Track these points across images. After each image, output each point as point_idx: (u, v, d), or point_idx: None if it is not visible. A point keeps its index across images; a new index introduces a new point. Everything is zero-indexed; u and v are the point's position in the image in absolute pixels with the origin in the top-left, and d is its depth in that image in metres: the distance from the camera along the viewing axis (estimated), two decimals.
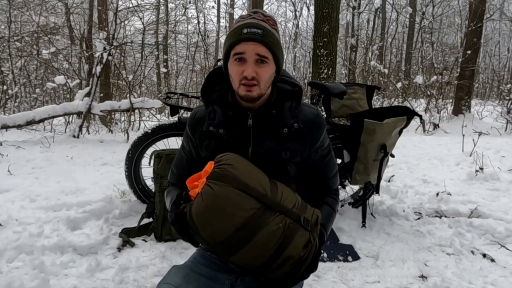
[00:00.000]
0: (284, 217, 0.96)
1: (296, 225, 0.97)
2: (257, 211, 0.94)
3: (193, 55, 12.49)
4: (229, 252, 0.94)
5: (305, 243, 0.96)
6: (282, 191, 1.02)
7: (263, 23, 1.03)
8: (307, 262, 0.97)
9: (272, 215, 0.95)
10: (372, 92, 2.68)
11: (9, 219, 2.34)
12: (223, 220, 0.92)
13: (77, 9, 9.62)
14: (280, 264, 0.94)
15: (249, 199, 0.94)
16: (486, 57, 17.50)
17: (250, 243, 0.92)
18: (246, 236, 0.92)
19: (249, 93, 1.03)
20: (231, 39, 1.03)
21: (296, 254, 0.94)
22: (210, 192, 0.94)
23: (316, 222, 1.03)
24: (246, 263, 0.95)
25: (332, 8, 4.64)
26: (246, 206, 0.93)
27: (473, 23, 8.36)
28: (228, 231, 0.92)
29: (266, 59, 1.02)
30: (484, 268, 2.04)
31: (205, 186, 0.95)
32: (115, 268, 1.96)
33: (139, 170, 2.68)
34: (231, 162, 0.99)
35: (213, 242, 0.95)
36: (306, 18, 23.56)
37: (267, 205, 0.95)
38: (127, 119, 6.36)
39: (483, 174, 3.46)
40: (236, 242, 0.93)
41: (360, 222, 2.55)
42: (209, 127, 1.12)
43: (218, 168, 0.98)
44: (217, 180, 0.95)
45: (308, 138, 1.12)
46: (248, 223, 0.92)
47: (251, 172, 1.00)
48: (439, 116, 7.90)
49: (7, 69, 7.94)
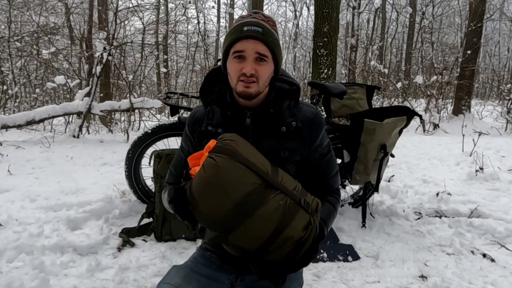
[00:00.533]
0: (285, 196, 0.95)
1: (296, 206, 0.95)
2: (258, 186, 0.93)
3: (193, 55, 12.50)
4: (227, 229, 0.92)
5: (306, 224, 0.95)
6: (283, 175, 1.01)
7: (263, 23, 1.04)
8: (307, 244, 0.95)
9: (272, 193, 0.94)
10: (372, 92, 2.69)
11: (9, 219, 2.34)
12: (224, 193, 0.91)
13: (77, 9, 9.62)
14: (279, 245, 0.92)
15: (251, 174, 0.93)
16: (486, 57, 17.50)
17: (249, 219, 0.90)
18: (246, 211, 0.91)
19: (247, 89, 1.03)
20: (231, 37, 1.03)
21: (296, 235, 0.93)
22: (212, 164, 0.92)
23: (317, 208, 1.01)
24: (244, 243, 0.93)
25: (332, 8, 4.64)
26: (248, 180, 0.92)
27: (473, 23, 8.37)
28: (228, 204, 0.90)
29: (266, 57, 1.03)
30: (484, 268, 2.04)
31: (208, 158, 0.94)
32: (115, 268, 1.96)
33: (139, 170, 2.68)
34: (234, 139, 0.98)
35: (212, 218, 0.93)
36: (306, 18, 23.58)
37: (268, 183, 0.95)
38: (127, 119, 6.36)
39: (483, 174, 3.46)
40: (235, 218, 0.91)
41: (360, 222, 2.55)
42: (208, 126, 1.12)
43: (221, 142, 0.97)
44: (220, 153, 0.94)
45: (307, 137, 1.13)
46: (248, 198, 0.91)
47: (253, 152, 1.00)
48: (439, 116, 7.90)
49: (7, 69, 7.94)
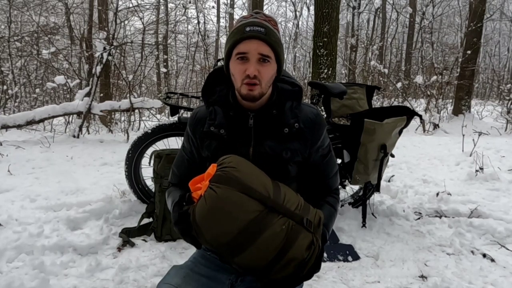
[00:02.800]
0: (287, 219, 0.96)
1: (299, 227, 0.97)
2: (260, 213, 0.94)
3: (193, 55, 12.49)
4: (233, 254, 0.94)
5: (308, 244, 0.96)
6: (285, 192, 1.02)
7: (265, 23, 1.03)
8: (310, 263, 0.97)
9: (275, 217, 0.95)
10: (372, 92, 2.69)
11: (9, 219, 2.34)
12: (226, 223, 0.93)
13: (77, 9, 9.62)
14: (284, 266, 0.94)
15: (252, 202, 0.94)
16: (486, 57, 17.49)
17: (253, 244, 0.92)
18: (249, 238, 0.92)
19: (251, 92, 1.03)
20: (234, 37, 1.02)
21: (300, 256, 0.94)
22: (213, 195, 0.94)
23: (319, 224, 1.03)
24: (250, 264, 0.95)
25: (332, 8, 4.64)
26: (249, 208, 0.94)
27: (473, 23, 8.36)
28: (231, 233, 0.92)
29: (269, 58, 1.02)
30: (484, 268, 2.04)
31: (208, 189, 0.95)
32: (115, 268, 1.96)
33: (139, 170, 2.68)
34: (234, 165, 0.98)
35: (217, 244, 0.95)
36: (306, 18, 23.56)
37: (270, 207, 0.96)
38: (127, 119, 6.36)
39: (483, 174, 3.46)
40: (239, 244, 0.93)
41: (360, 222, 2.55)
42: (210, 127, 1.12)
43: (221, 171, 0.97)
44: (220, 183, 0.95)
45: (308, 138, 1.12)
46: (251, 225, 0.92)
47: (254, 174, 1.00)
48: (439, 116, 7.90)
49: (7, 69, 7.94)
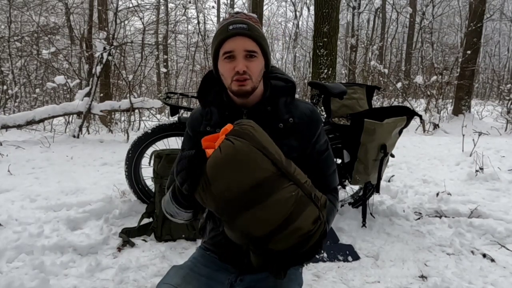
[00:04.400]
0: (297, 188, 0.95)
1: (307, 199, 0.95)
2: (272, 174, 0.92)
3: (193, 55, 12.50)
4: (237, 211, 0.90)
5: (315, 218, 0.94)
6: (295, 167, 1.01)
7: (247, 20, 1.07)
8: (313, 239, 0.94)
9: (286, 182, 0.93)
10: (372, 92, 2.69)
11: (9, 219, 2.34)
12: (240, 175, 0.90)
13: (77, 9, 9.62)
14: (287, 235, 0.90)
15: (267, 161, 0.93)
16: (486, 57, 17.49)
17: (261, 204, 0.89)
18: (258, 196, 0.90)
19: (243, 88, 1.06)
20: (219, 37, 1.06)
21: (306, 227, 0.92)
22: (229, 145, 0.91)
23: (325, 205, 1.01)
24: (251, 227, 0.91)
25: (332, 8, 4.64)
26: (263, 166, 0.92)
27: (473, 23, 8.37)
28: (242, 187, 0.89)
29: (255, 53, 1.06)
30: (484, 268, 2.04)
31: (225, 140, 0.92)
32: (115, 268, 1.96)
33: (139, 170, 2.68)
34: (252, 125, 0.98)
35: (223, 199, 0.90)
36: (306, 18, 23.51)
37: (282, 172, 0.94)
38: (127, 119, 6.36)
39: (483, 174, 3.46)
40: (247, 201, 0.89)
41: (360, 222, 2.55)
42: (206, 127, 1.14)
43: (239, 127, 0.96)
44: (238, 137, 0.93)
45: (304, 134, 1.13)
46: (263, 183, 0.90)
47: (269, 140, 0.99)
48: (439, 116, 7.91)
49: (7, 69, 7.94)
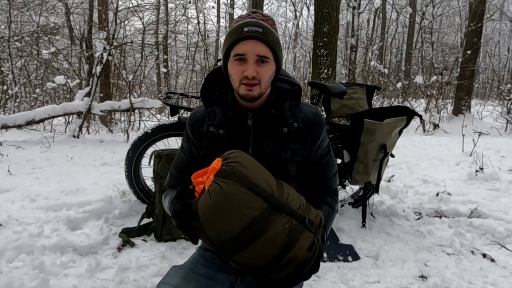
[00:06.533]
0: (290, 218, 0.95)
1: (301, 227, 0.96)
2: (264, 211, 0.93)
3: (193, 55, 12.49)
4: (233, 251, 0.93)
5: (310, 245, 0.96)
6: (288, 191, 1.01)
7: (263, 22, 1.02)
8: (310, 264, 0.96)
9: (278, 216, 0.94)
10: (372, 92, 2.68)
11: (9, 219, 2.34)
12: (231, 219, 0.91)
13: (77, 9, 9.60)
14: (284, 265, 0.93)
15: (257, 199, 0.93)
16: (486, 57, 17.46)
17: (255, 242, 0.91)
18: (252, 235, 0.91)
19: (250, 93, 1.03)
20: (231, 38, 1.02)
21: (301, 256, 0.94)
22: (218, 190, 0.91)
23: (320, 224, 1.02)
24: (250, 262, 0.94)
25: (332, 8, 4.64)
26: (254, 205, 0.92)
27: (473, 23, 8.36)
28: (234, 230, 0.91)
29: (267, 58, 1.02)
30: (484, 268, 2.04)
31: (213, 184, 0.93)
32: (115, 268, 1.96)
33: (139, 170, 2.68)
34: (239, 160, 0.97)
35: (218, 240, 0.93)
36: (306, 18, 23.49)
37: (274, 206, 0.94)
38: (127, 119, 6.36)
39: (483, 174, 3.46)
40: (241, 241, 0.91)
41: (360, 222, 2.55)
42: (209, 127, 1.12)
43: (227, 165, 0.95)
44: (226, 178, 0.93)
45: (308, 138, 1.12)
46: (255, 223, 0.91)
47: (258, 171, 0.99)
48: (439, 116, 7.90)
49: (7, 69, 7.93)
